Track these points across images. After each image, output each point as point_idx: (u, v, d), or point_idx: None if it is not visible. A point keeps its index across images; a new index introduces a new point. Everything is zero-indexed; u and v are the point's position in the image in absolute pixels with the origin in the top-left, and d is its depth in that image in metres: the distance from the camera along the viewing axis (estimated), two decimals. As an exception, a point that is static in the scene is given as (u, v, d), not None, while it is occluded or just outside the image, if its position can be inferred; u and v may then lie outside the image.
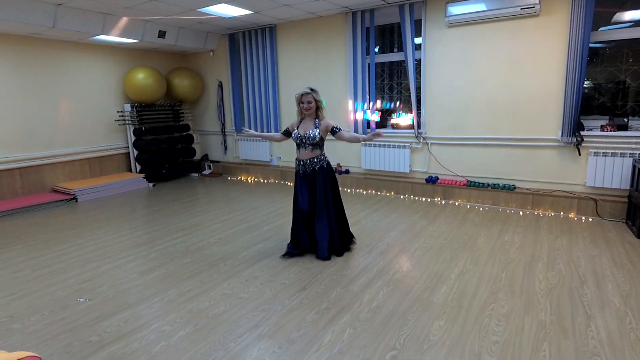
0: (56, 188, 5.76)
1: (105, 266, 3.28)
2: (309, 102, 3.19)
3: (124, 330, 2.32)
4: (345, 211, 3.51)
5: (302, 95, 3.21)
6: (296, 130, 3.30)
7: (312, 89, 3.20)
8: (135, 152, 6.66)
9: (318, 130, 3.21)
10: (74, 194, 5.54)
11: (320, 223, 3.27)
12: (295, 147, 3.35)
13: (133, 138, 6.60)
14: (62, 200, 5.45)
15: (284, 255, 3.36)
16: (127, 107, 6.55)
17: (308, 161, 3.26)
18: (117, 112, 6.51)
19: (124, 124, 6.58)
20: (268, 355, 2.07)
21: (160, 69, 6.91)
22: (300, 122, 3.30)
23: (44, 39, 5.53)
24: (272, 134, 3.56)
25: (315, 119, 3.26)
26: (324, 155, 3.30)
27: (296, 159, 3.36)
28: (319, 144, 3.24)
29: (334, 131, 3.20)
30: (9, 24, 4.59)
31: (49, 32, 5.09)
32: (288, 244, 3.46)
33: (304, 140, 3.23)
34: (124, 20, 5.34)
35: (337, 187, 3.40)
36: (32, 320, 2.47)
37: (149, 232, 4.16)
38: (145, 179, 6.48)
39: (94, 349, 2.15)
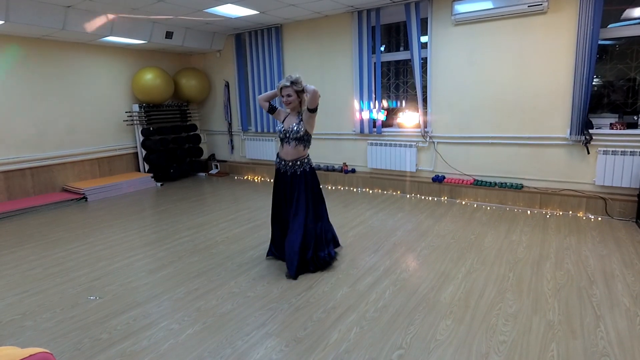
0: (66, 188, 5.85)
1: (114, 265, 3.33)
2: (289, 96, 2.90)
3: (133, 328, 2.36)
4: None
5: (281, 88, 2.92)
6: (280, 125, 3.04)
7: (292, 82, 2.88)
8: (144, 152, 6.73)
9: (302, 123, 2.93)
10: (83, 194, 5.61)
11: (293, 236, 2.96)
12: (279, 142, 3.09)
13: (141, 138, 6.67)
14: (72, 200, 5.52)
15: (268, 256, 3.27)
16: (135, 107, 6.62)
17: (290, 163, 3.01)
18: (126, 112, 6.58)
19: (132, 124, 6.65)
20: (275, 353, 2.08)
21: (167, 70, 6.97)
22: (287, 116, 3.06)
23: (54, 40, 5.61)
24: (269, 94, 3.11)
25: (299, 112, 2.99)
26: (307, 158, 3.06)
27: (277, 155, 3.10)
28: (303, 139, 2.97)
29: (309, 108, 2.88)
30: (20, 26, 4.66)
31: (59, 33, 5.16)
32: (270, 245, 3.29)
33: (287, 135, 2.97)
34: (131, 21, 5.39)
35: (318, 194, 3.11)
36: (44, 317, 2.52)
37: (157, 231, 4.21)
38: (153, 179, 6.55)
39: (103, 347, 2.19)
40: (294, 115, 3.03)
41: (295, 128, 2.95)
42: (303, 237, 2.98)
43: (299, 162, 3.01)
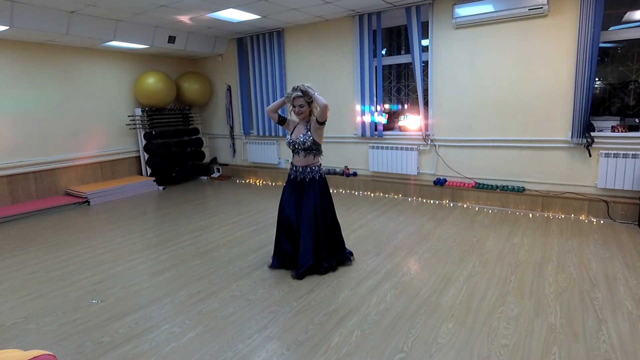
0: (69, 191, 5.88)
1: (116, 268, 3.34)
2: (301, 106, 2.90)
3: (135, 332, 2.36)
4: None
5: (293, 99, 2.90)
6: (289, 137, 3.05)
7: (303, 92, 2.86)
8: (146, 156, 6.76)
9: (309, 133, 2.94)
10: (86, 197, 5.64)
11: (305, 240, 2.98)
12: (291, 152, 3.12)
13: (144, 142, 6.70)
14: (75, 203, 5.55)
15: (270, 267, 3.18)
16: (138, 111, 6.66)
17: (301, 169, 3.03)
18: (128, 116, 6.62)
19: (134, 128, 6.69)
20: (276, 356, 2.08)
21: (170, 74, 7.02)
22: (295, 126, 3.07)
23: (57, 45, 5.66)
24: (277, 104, 3.09)
25: (307, 122, 2.99)
26: (319, 165, 3.05)
27: (291, 163, 3.14)
28: (312, 149, 2.98)
29: (318, 120, 2.89)
30: (25, 31, 4.71)
31: (63, 38, 5.21)
32: (272, 256, 3.22)
33: (296, 146, 2.99)
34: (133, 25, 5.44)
35: (329, 201, 3.10)
36: (46, 320, 2.53)
37: (159, 235, 4.22)
38: (155, 182, 6.57)
39: (106, 350, 2.20)
40: (302, 125, 3.03)
41: (302, 139, 2.96)
42: (315, 245, 2.98)
43: (309, 169, 3.02)
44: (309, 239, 2.99)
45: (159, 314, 2.55)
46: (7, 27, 4.47)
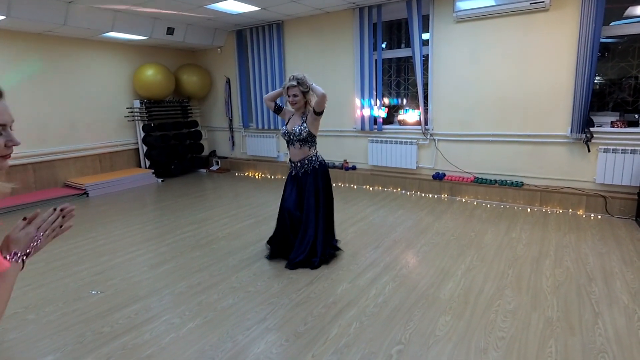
0: (68, 183, 5.87)
1: (116, 259, 3.35)
2: (295, 96, 2.89)
3: (134, 322, 2.38)
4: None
5: (287, 88, 2.90)
6: (284, 128, 3.04)
7: (299, 81, 2.86)
8: (145, 148, 6.74)
9: (305, 124, 2.93)
10: (85, 189, 5.63)
11: (304, 234, 3.02)
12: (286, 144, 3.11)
13: (142, 134, 6.68)
14: (73, 195, 5.54)
15: (268, 257, 3.23)
16: (137, 103, 6.62)
17: (299, 163, 3.02)
18: (127, 108, 6.59)
19: (133, 120, 6.66)
20: (275, 348, 2.10)
21: (169, 66, 6.97)
22: (291, 117, 3.07)
23: (55, 36, 5.61)
24: (275, 93, 3.14)
25: (303, 113, 2.99)
26: (316, 155, 3.05)
27: (289, 159, 3.13)
28: (307, 140, 2.97)
29: (315, 111, 2.89)
30: (22, 21, 4.67)
31: (61, 29, 5.16)
32: (267, 245, 3.31)
33: (291, 137, 2.98)
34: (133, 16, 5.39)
35: (329, 192, 3.11)
36: (47, 311, 2.54)
37: (158, 227, 4.22)
38: (154, 175, 6.56)
39: (105, 340, 2.21)
40: (298, 116, 3.03)
41: (297, 130, 2.95)
42: (315, 236, 3.02)
43: (307, 161, 3.03)
44: (310, 233, 3.02)
45: (158, 305, 2.57)
46: (4, 17, 4.42)
